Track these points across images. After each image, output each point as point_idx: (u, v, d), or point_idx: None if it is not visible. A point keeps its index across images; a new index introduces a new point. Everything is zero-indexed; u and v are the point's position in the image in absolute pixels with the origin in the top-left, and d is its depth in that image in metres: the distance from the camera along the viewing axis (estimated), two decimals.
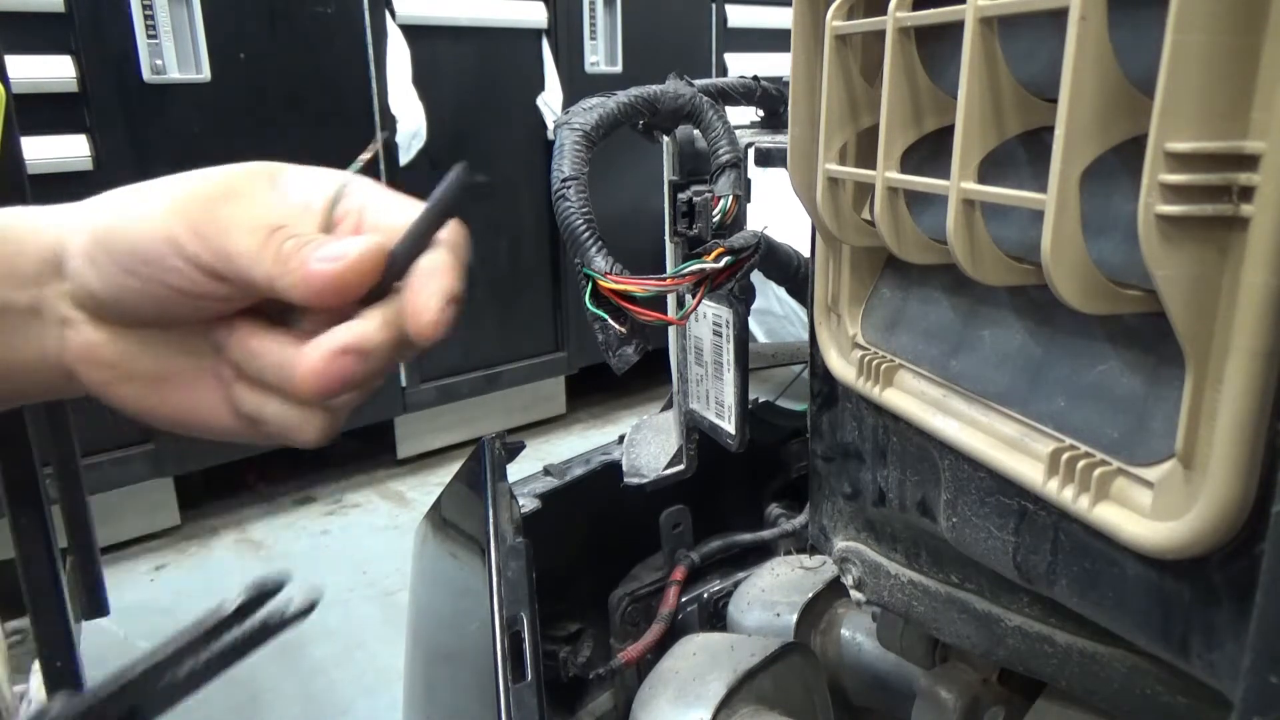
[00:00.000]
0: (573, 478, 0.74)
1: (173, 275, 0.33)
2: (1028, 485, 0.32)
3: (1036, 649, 0.39)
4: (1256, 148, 0.23)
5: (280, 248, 0.33)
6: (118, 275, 0.33)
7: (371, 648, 1.71)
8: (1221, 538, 0.26)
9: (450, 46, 2.18)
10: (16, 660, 1.34)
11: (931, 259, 0.36)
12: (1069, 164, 0.26)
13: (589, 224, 0.51)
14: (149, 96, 1.80)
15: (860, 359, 0.42)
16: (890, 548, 0.47)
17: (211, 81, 1.86)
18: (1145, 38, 0.25)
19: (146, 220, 0.33)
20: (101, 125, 1.77)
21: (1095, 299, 0.27)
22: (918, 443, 0.40)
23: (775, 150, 0.66)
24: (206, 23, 1.82)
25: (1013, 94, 0.30)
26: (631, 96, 0.58)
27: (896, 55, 0.33)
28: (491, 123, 2.30)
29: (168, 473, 2.04)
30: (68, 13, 1.69)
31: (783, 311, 2.08)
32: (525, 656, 0.55)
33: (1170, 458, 0.27)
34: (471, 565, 0.62)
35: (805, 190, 0.40)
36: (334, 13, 1.99)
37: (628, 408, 2.73)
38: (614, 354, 0.54)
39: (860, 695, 0.69)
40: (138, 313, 0.35)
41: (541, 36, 2.32)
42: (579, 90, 2.32)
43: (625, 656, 0.72)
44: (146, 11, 1.76)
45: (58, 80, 1.71)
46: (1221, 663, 0.28)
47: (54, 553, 1.20)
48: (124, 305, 0.34)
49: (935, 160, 0.35)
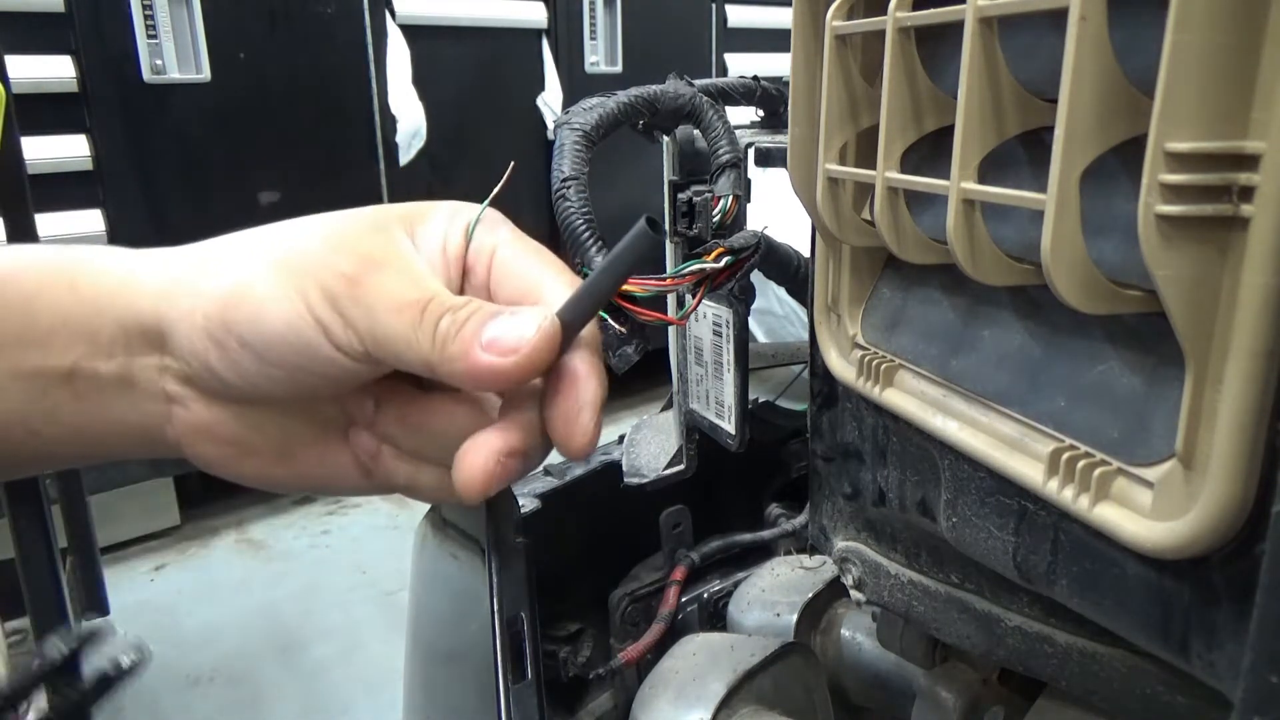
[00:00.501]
0: (572, 478, 0.74)
1: (321, 364, 0.30)
2: (1028, 485, 0.32)
3: (1036, 649, 0.39)
4: (1256, 148, 0.23)
5: (436, 328, 0.29)
6: (253, 363, 0.30)
7: (371, 648, 1.71)
8: (1221, 538, 0.26)
9: (450, 46, 2.18)
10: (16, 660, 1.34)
11: (931, 259, 0.36)
12: (1069, 164, 0.26)
13: (589, 224, 0.51)
14: (149, 96, 1.80)
15: (860, 359, 0.42)
16: (890, 548, 0.47)
17: (211, 81, 1.86)
18: (1145, 38, 0.25)
19: (284, 303, 0.29)
20: (101, 125, 1.77)
21: (1095, 299, 0.27)
22: (918, 443, 0.40)
23: (775, 150, 0.66)
24: (206, 23, 1.82)
25: (1013, 94, 0.30)
26: (631, 96, 0.58)
27: (896, 55, 0.33)
28: (491, 123, 2.30)
29: (168, 473, 2.04)
30: (68, 13, 1.69)
31: (783, 311, 2.08)
32: (525, 656, 0.55)
33: (1170, 458, 0.27)
34: (471, 565, 0.62)
35: (805, 190, 0.40)
36: (334, 13, 1.99)
37: (628, 408, 2.73)
38: (614, 354, 0.54)
39: (860, 695, 0.69)
40: (272, 395, 0.31)
41: (541, 36, 2.32)
42: (579, 90, 2.32)
43: (625, 656, 0.72)
44: (146, 11, 1.76)
45: (58, 80, 1.71)
46: (1221, 663, 0.28)
47: (54, 553, 1.20)
48: (259, 390, 0.31)
49: (935, 160, 0.35)
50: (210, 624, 1.79)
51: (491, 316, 0.29)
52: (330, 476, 0.34)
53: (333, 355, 0.29)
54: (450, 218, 0.34)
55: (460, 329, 0.29)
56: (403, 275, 0.30)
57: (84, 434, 0.32)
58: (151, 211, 1.85)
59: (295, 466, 0.33)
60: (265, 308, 0.29)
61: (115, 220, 1.81)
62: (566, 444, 0.31)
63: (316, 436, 0.33)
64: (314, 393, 0.32)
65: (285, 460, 0.33)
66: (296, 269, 0.30)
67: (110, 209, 1.81)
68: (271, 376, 0.30)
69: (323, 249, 0.30)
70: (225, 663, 1.68)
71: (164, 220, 1.86)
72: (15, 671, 0.33)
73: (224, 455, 0.33)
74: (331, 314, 0.29)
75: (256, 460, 0.33)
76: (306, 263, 0.30)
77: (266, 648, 1.72)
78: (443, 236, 0.33)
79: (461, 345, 0.29)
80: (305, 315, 0.29)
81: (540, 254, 0.33)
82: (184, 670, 1.66)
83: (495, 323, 0.29)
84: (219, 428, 0.32)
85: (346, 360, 0.30)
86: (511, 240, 0.34)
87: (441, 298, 0.30)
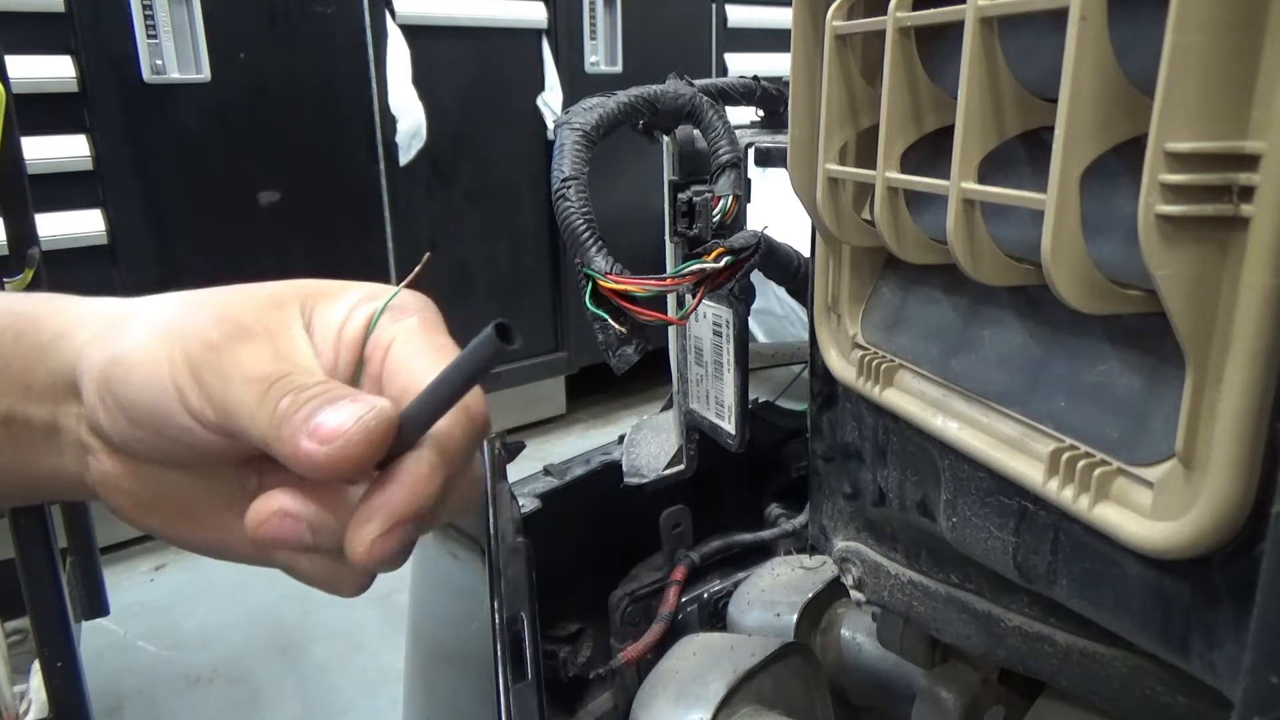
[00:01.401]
0: (573, 478, 0.74)
1: (175, 430, 0.29)
2: (1028, 485, 0.32)
3: (1036, 649, 0.39)
4: (1256, 148, 0.23)
5: (276, 406, 0.28)
6: (123, 423, 0.30)
7: (371, 648, 1.71)
8: (1222, 538, 0.26)
9: (450, 46, 2.18)
10: (16, 660, 1.34)
11: (931, 259, 0.36)
12: (1069, 164, 0.26)
13: (589, 224, 0.51)
14: (149, 96, 1.80)
15: (860, 359, 0.42)
16: (890, 548, 0.47)
17: (211, 81, 1.86)
18: (1145, 38, 0.25)
19: (151, 366, 0.29)
20: (101, 125, 1.77)
21: (1095, 299, 0.27)
22: (918, 443, 0.40)
23: (775, 150, 0.66)
24: (206, 23, 1.82)
25: (1013, 94, 0.30)
26: (631, 96, 0.58)
27: (896, 55, 0.33)
28: (491, 123, 2.30)
29: None
30: (68, 13, 1.69)
31: (783, 311, 2.08)
32: (525, 656, 0.55)
33: (1170, 458, 0.27)
34: (471, 565, 0.62)
35: (805, 190, 0.40)
36: (334, 13, 1.99)
37: (628, 408, 2.73)
38: (614, 354, 0.54)
39: (860, 695, 0.69)
40: (151, 456, 0.31)
41: (541, 36, 2.32)
42: (579, 90, 2.32)
43: (625, 656, 0.72)
44: (146, 11, 1.76)
45: (58, 80, 1.71)
46: (1221, 663, 0.28)
47: (54, 553, 1.20)
48: (135, 450, 0.31)
49: (935, 160, 0.35)
50: (210, 624, 1.79)
51: (330, 402, 0.28)
52: (229, 544, 0.34)
53: (187, 423, 0.29)
54: (362, 301, 0.33)
55: (298, 410, 0.28)
56: (265, 349, 0.30)
57: (19, 476, 0.33)
58: (151, 211, 1.85)
59: (195, 528, 0.34)
60: (134, 370, 0.30)
61: (115, 220, 1.81)
62: (347, 549, 0.29)
63: (214, 502, 0.33)
64: (181, 460, 0.32)
65: (185, 521, 0.33)
66: (173, 333, 0.30)
67: (110, 209, 1.81)
68: (140, 439, 0.30)
69: (203, 316, 0.30)
70: (225, 663, 1.68)
71: (164, 220, 1.86)
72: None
73: (129, 506, 0.33)
74: (189, 379, 0.29)
75: (157, 517, 0.33)
76: (184, 328, 0.30)
77: (266, 648, 1.72)
78: (343, 319, 0.32)
79: (292, 427, 0.28)
80: (165, 379, 0.29)
81: (439, 350, 0.32)
82: (184, 670, 1.66)
83: (327, 410, 0.28)
84: (122, 481, 0.32)
85: (200, 429, 0.29)
86: (414, 332, 0.32)
87: (294, 377, 0.29)
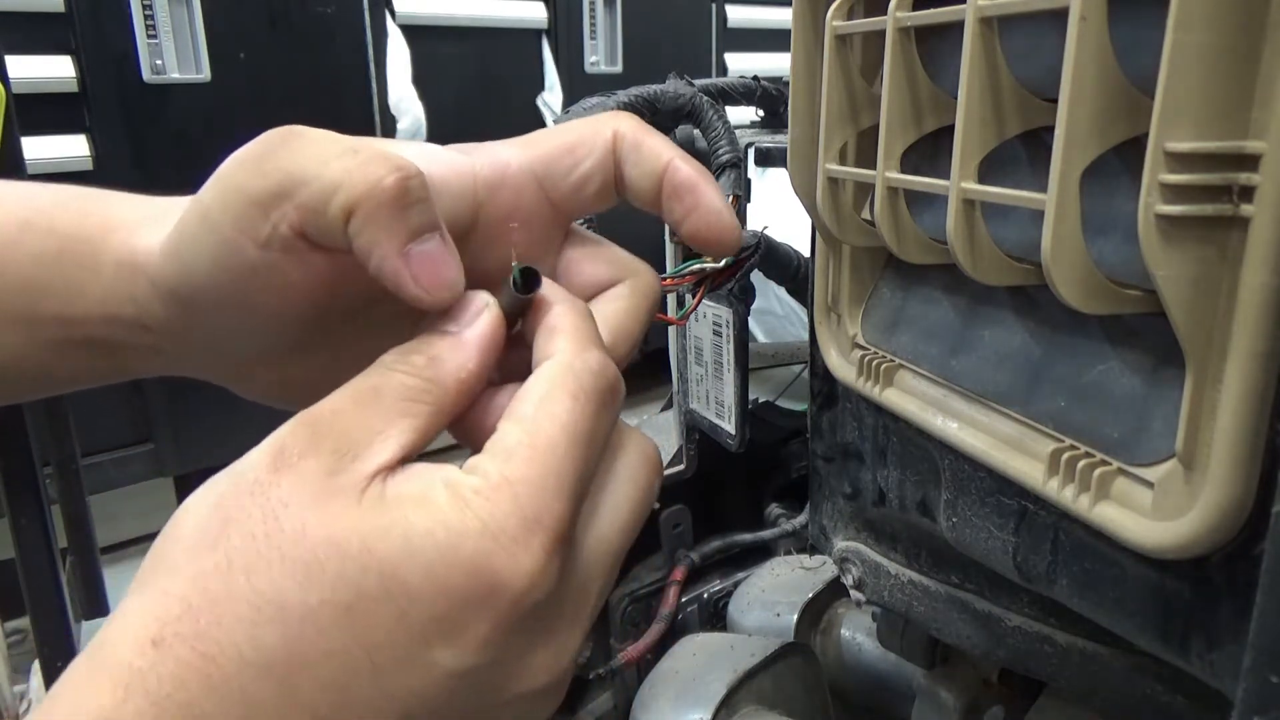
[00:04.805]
0: None
1: (251, 231, 0.27)
2: (1028, 485, 0.32)
3: (1036, 649, 0.39)
4: (1256, 148, 0.23)
5: (351, 153, 0.26)
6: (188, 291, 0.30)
7: None
8: (1222, 538, 0.26)
9: (450, 46, 2.18)
10: (16, 660, 1.34)
11: (931, 259, 0.36)
12: (1069, 164, 0.26)
13: (589, 224, 0.51)
14: (149, 96, 1.80)
15: (860, 359, 0.42)
16: (890, 548, 0.47)
17: (211, 81, 1.86)
18: (1145, 38, 0.25)
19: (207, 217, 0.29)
20: (101, 125, 1.77)
21: (1095, 299, 0.27)
22: (918, 443, 0.40)
23: (775, 150, 0.66)
24: (206, 23, 1.82)
25: (1013, 94, 0.30)
26: (631, 96, 0.58)
27: (896, 55, 0.33)
28: (491, 123, 2.30)
29: (168, 473, 2.04)
30: (68, 13, 1.69)
31: (783, 311, 2.08)
32: None
33: (1170, 458, 0.27)
34: None
35: (805, 190, 0.40)
36: (334, 13, 1.99)
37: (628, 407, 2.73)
38: None
39: (860, 695, 0.69)
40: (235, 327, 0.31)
41: (541, 36, 2.32)
42: (579, 90, 2.32)
43: (625, 656, 0.72)
44: (146, 11, 1.76)
45: (58, 80, 1.71)
46: (1221, 663, 0.28)
47: (54, 553, 1.20)
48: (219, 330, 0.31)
49: (935, 160, 0.35)
50: None
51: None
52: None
53: (254, 216, 0.27)
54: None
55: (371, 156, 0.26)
56: (328, 136, 0.28)
57: (128, 373, 0.35)
58: None
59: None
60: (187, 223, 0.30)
61: None
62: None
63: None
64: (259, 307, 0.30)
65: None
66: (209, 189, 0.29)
67: None
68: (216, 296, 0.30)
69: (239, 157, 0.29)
70: None
71: None
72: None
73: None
74: (250, 174, 0.27)
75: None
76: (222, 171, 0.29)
77: None
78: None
79: (362, 159, 0.26)
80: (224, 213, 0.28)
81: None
82: None
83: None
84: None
85: (257, 249, 0.27)
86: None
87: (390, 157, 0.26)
